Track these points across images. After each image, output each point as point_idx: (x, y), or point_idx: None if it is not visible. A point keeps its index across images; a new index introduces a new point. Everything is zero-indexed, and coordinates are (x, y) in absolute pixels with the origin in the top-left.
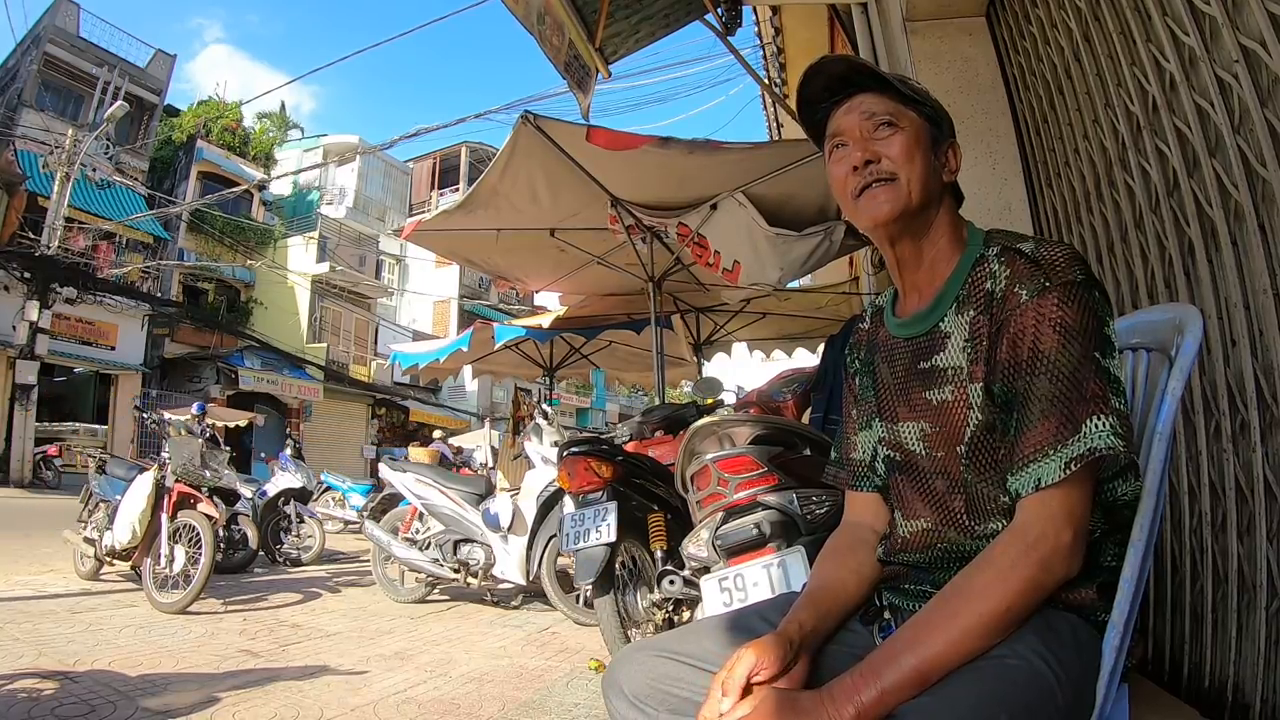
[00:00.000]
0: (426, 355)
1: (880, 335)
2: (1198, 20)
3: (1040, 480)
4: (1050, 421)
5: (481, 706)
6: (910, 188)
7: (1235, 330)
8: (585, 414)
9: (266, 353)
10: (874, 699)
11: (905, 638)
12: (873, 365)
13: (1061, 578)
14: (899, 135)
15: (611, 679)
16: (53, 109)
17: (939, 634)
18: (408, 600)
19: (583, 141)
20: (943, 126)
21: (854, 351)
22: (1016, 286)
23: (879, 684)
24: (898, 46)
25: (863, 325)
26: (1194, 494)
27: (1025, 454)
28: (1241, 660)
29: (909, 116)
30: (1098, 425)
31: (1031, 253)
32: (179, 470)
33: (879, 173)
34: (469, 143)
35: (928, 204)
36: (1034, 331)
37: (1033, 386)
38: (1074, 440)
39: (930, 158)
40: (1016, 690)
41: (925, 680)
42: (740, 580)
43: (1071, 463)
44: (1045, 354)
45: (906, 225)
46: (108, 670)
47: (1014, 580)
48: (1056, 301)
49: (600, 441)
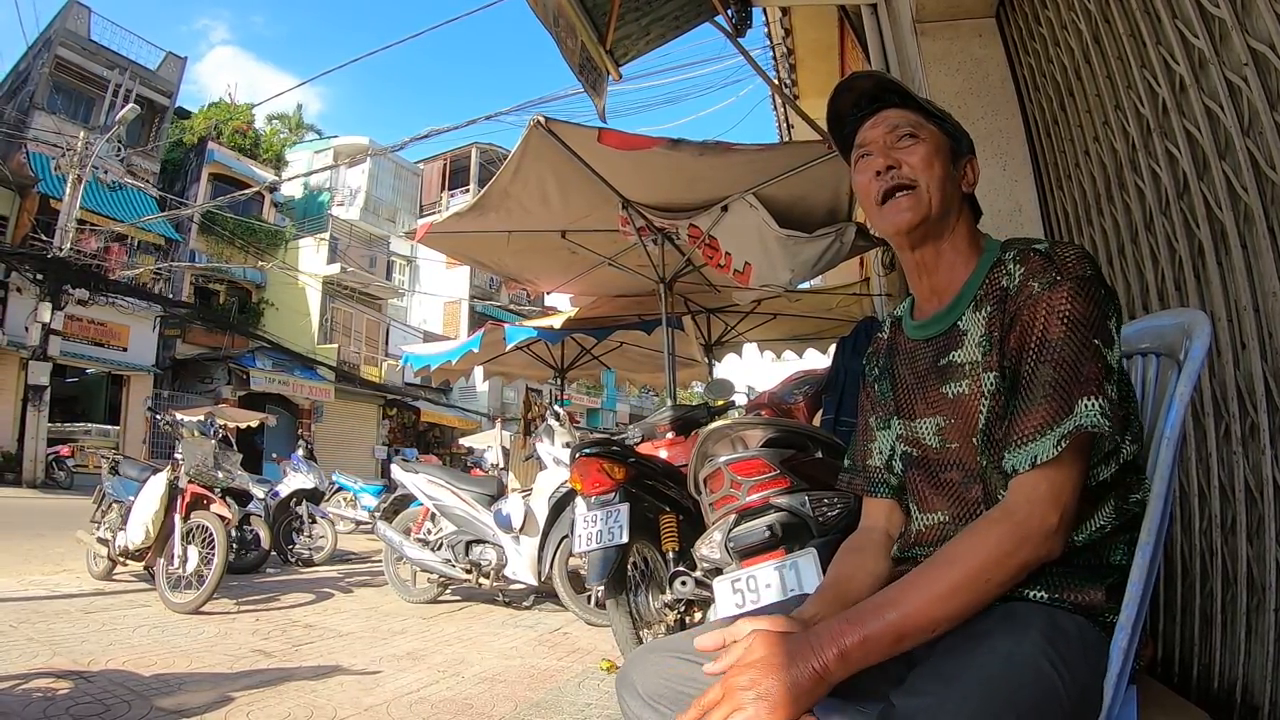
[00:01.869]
0: (438, 356)
1: (899, 341)
2: (1207, 23)
3: (1036, 457)
4: (1050, 404)
5: (494, 706)
6: (930, 194)
7: (1245, 333)
8: (596, 415)
9: (277, 354)
10: (856, 643)
11: (890, 593)
12: (891, 369)
13: (1045, 557)
14: (920, 145)
15: (626, 678)
16: (64, 112)
17: (918, 593)
18: (420, 601)
19: (594, 143)
20: (962, 143)
21: (873, 359)
22: (1030, 280)
23: (862, 631)
24: (907, 47)
25: (881, 335)
26: (1204, 496)
27: (1024, 433)
28: (1251, 662)
29: (930, 130)
30: (1088, 405)
31: (1046, 250)
32: (192, 471)
33: (900, 178)
34: (479, 144)
35: (947, 211)
36: (1044, 321)
37: (1036, 373)
38: (1066, 419)
39: (950, 168)
40: (1022, 690)
41: (901, 635)
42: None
43: (1063, 439)
44: (1051, 343)
45: (927, 231)
46: (122, 670)
47: (993, 548)
48: (1067, 295)
49: (612, 443)
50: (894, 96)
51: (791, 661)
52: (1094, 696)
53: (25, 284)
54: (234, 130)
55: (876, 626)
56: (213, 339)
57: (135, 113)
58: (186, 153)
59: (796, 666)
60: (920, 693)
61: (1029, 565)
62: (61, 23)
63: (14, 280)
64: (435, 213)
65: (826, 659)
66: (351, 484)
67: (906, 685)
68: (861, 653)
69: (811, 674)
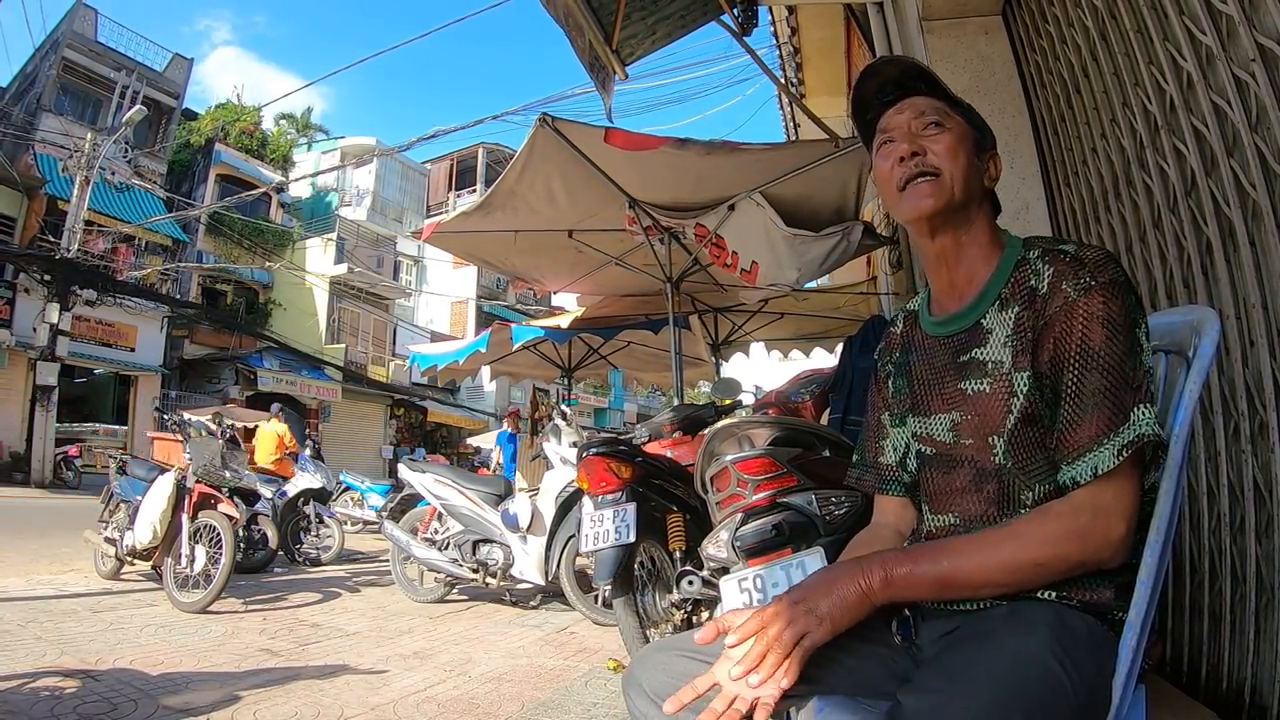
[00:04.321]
0: (445, 356)
1: (916, 336)
2: (1214, 19)
3: (1097, 468)
4: (1103, 412)
5: (500, 706)
6: (953, 183)
7: (1254, 331)
8: (603, 414)
9: (285, 354)
10: (903, 575)
11: (950, 543)
12: (908, 365)
13: (1104, 564)
14: (945, 134)
15: (633, 677)
16: (71, 113)
17: (977, 553)
18: (426, 600)
19: (600, 143)
20: (986, 137)
21: (887, 355)
22: (1063, 284)
23: (911, 565)
24: (914, 45)
25: (894, 329)
26: (1212, 495)
27: (1080, 444)
28: (1260, 662)
29: (956, 119)
30: (1144, 413)
31: (1075, 253)
32: (199, 471)
33: (924, 165)
34: (486, 144)
35: (969, 201)
36: (1083, 328)
37: (1084, 381)
38: (1125, 428)
39: (974, 159)
40: (1030, 688)
41: (945, 583)
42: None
43: (1124, 449)
44: (1094, 349)
45: (947, 219)
46: (129, 669)
47: (1057, 548)
48: (1102, 299)
49: (619, 442)
50: (921, 84)
51: (836, 583)
52: (1102, 695)
53: (33, 285)
54: (241, 131)
55: (926, 566)
56: (220, 339)
57: (142, 114)
58: (194, 154)
59: (842, 585)
60: (927, 690)
61: (1084, 570)
62: (69, 24)
63: (22, 281)
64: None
65: (872, 580)
66: (359, 484)
67: (914, 683)
68: (906, 583)
69: (858, 590)
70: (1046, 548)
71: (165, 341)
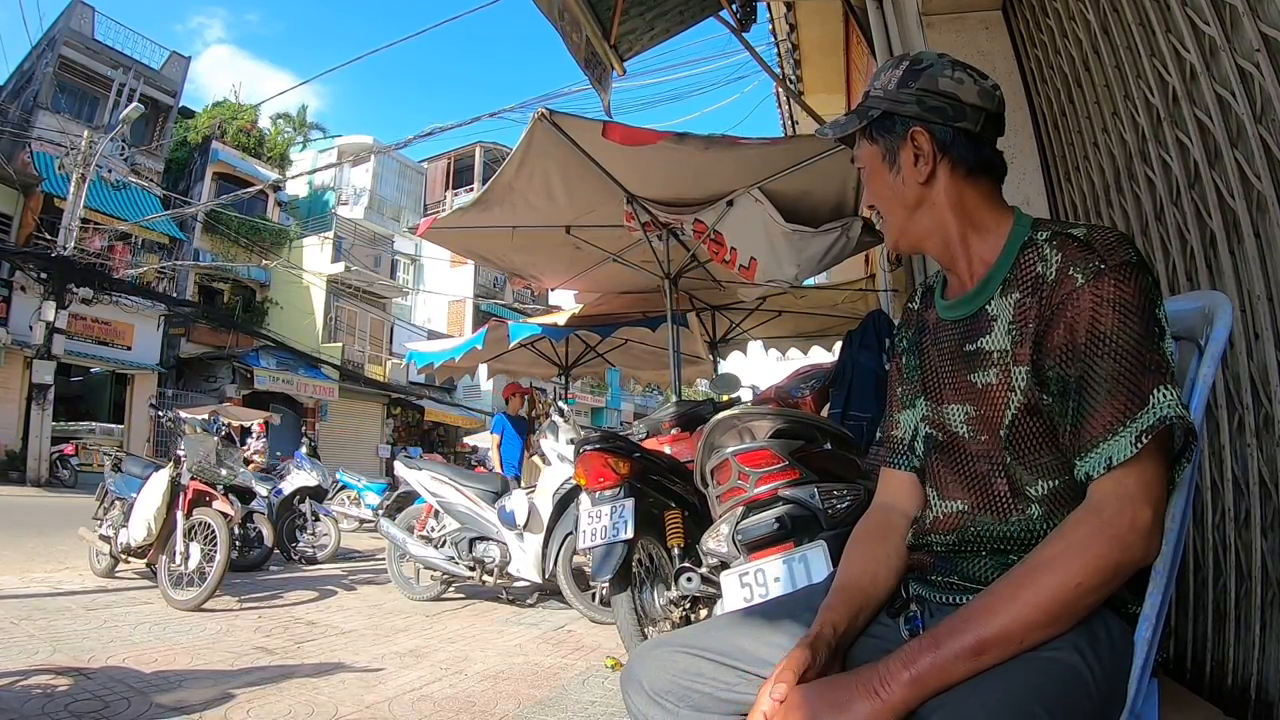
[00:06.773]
0: (441, 354)
1: (929, 317)
2: (1218, 9)
3: (1112, 459)
4: (1117, 399)
5: (497, 704)
6: (890, 228)
7: (1259, 323)
8: (600, 413)
9: (282, 352)
10: (930, 667)
11: (973, 607)
12: (920, 345)
13: (1140, 560)
14: (869, 181)
15: (631, 675)
16: (68, 111)
17: (1005, 606)
18: (423, 598)
19: (598, 138)
20: (894, 121)
21: (902, 330)
22: (1071, 270)
23: (933, 651)
24: (913, 41)
25: (912, 305)
26: (1217, 489)
27: (1093, 436)
28: (1265, 658)
29: (868, 151)
30: (1165, 395)
31: (1084, 236)
32: (194, 468)
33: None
34: (483, 143)
35: (917, 208)
36: (1091, 314)
37: (1094, 369)
38: (1143, 413)
39: (888, 177)
40: (1051, 683)
41: (984, 652)
42: (761, 575)
43: (1143, 435)
44: (1106, 334)
45: (912, 243)
46: (122, 666)
47: (1089, 555)
48: (1113, 282)
49: (617, 438)
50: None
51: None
52: (1121, 688)
53: (30, 283)
54: (238, 129)
55: (953, 644)
56: (217, 338)
57: (139, 112)
58: (191, 152)
59: (855, 709)
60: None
61: (1124, 570)
62: (66, 22)
63: (18, 279)
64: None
65: (892, 687)
66: (355, 482)
67: None
68: (937, 673)
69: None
70: (1077, 561)
71: (162, 340)
